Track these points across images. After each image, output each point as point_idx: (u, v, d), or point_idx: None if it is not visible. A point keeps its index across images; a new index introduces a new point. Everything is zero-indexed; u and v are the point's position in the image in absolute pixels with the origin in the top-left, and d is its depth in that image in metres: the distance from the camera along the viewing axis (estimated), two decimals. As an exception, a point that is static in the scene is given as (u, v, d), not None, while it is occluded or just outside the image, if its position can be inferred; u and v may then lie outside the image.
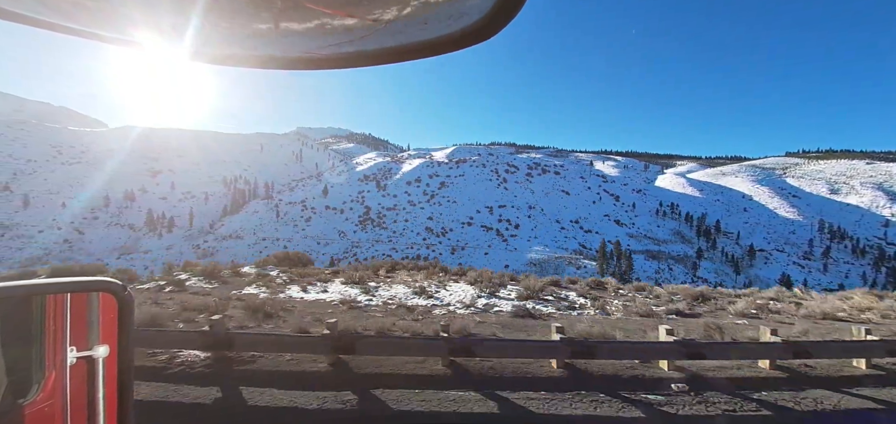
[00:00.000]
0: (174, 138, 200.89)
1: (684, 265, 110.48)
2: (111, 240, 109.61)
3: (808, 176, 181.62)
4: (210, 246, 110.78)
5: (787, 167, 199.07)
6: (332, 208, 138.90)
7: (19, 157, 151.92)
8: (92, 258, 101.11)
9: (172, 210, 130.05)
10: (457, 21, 0.55)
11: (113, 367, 1.16)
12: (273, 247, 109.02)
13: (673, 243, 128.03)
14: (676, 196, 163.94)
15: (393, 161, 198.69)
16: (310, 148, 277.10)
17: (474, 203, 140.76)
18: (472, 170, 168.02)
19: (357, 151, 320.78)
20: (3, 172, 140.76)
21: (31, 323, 1.14)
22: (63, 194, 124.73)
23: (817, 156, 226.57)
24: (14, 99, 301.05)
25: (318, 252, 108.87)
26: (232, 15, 0.53)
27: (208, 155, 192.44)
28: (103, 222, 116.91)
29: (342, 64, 0.65)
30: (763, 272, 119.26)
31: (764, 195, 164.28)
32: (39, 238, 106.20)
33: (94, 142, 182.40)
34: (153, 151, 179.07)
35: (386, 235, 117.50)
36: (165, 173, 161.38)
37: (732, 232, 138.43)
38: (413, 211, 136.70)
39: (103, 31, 0.58)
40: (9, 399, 1.08)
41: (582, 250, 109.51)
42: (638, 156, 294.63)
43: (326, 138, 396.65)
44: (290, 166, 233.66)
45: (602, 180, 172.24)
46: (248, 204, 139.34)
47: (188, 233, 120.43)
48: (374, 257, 76.44)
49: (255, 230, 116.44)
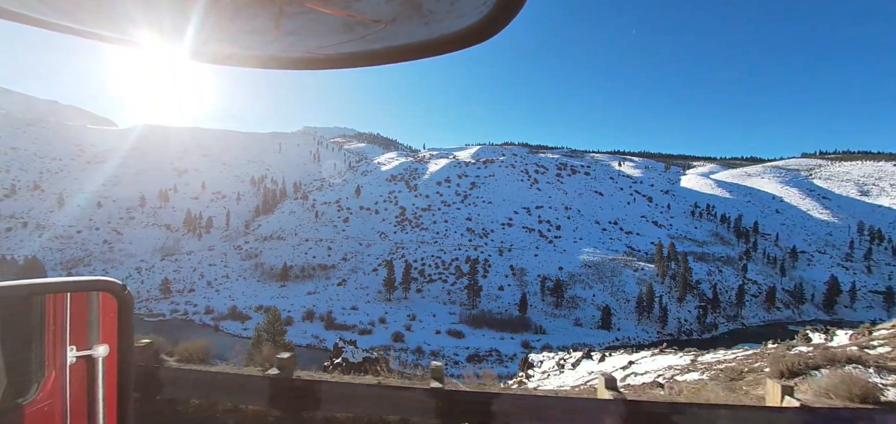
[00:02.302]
0: (192, 137, 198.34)
1: (733, 268, 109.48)
2: (150, 240, 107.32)
3: (836, 178, 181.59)
4: (252, 247, 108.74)
5: (811, 169, 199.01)
6: (365, 209, 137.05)
7: (44, 155, 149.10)
8: (135, 260, 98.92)
9: (206, 210, 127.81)
10: (458, 21, 0.55)
11: (113, 366, 1.15)
12: (316, 249, 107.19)
13: (713, 245, 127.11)
14: (706, 197, 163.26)
15: (416, 161, 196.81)
16: (325, 148, 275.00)
17: (510, 204, 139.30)
18: (502, 170, 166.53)
19: (369, 151, 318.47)
20: (30, 170, 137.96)
21: (31, 323, 1.13)
22: (97, 193, 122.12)
23: (835, 157, 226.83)
24: (23, 97, 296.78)
25: (362, 254, 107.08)
26: (232, 15, 0.52)
27: (230, 154, 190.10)
28: (140, 222, 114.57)
29: (342, 64, 0.65)
30: (807, 273, 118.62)
31: (794, 197, 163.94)
32: (78, 239, 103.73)
33: (116, 140, 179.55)
34: (176, 151, 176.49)
35: (429, 236, 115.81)
36: (191, 173, 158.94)
37: (769, 234, 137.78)
38: (449, 211, 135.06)
39: (104, 30, 0.58)
40: (9, 399, 1.07)
41: (630, 251, 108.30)
42: (652, 156, 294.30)
43: (337, 138, 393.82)
44: (308, 165, 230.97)
45: (631, 181, 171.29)
46: (282, 204, 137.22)
47: (226, 233, 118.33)
48: (423, 259, 74.86)
49: (295, 231, 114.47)
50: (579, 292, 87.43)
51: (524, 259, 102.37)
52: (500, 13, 0.52)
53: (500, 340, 65.26)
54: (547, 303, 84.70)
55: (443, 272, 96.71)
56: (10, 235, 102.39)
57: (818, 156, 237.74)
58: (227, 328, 64.55)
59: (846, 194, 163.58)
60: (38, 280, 1.23)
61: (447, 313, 79.13)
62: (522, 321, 74.40)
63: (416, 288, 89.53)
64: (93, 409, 1.13)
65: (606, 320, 75.77)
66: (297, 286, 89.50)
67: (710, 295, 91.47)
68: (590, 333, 74.44)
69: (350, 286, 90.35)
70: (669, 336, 79.32)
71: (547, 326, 74.34)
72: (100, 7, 0.53)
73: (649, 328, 78.01)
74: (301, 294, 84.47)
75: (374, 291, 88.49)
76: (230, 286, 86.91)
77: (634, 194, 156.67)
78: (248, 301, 78.53)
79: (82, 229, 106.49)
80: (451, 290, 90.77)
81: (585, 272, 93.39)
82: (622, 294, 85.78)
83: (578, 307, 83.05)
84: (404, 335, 62.51)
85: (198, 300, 77.06)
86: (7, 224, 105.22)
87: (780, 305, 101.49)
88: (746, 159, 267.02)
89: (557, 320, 78.70)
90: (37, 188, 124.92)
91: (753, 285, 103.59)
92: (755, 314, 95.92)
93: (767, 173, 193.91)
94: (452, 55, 0.62)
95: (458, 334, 66.07)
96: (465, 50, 0.60)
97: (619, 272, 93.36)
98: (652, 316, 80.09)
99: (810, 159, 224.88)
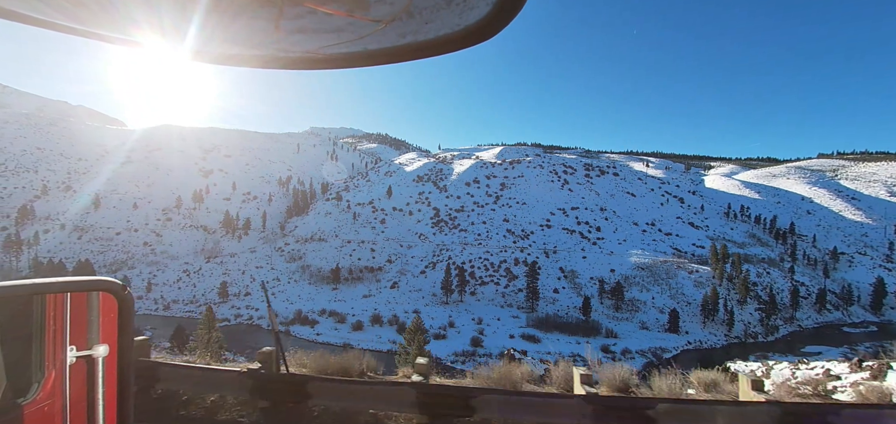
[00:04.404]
0: (209, 138, 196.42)
1: (779, 269, 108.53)
2: (189, 242, 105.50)
3: (863, 178, 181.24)
4: (293, 249, 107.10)
5: (835, 170, 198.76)
6: (398, 210, 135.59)
7: (70, 155, 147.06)
8: (179, 262, 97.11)
9: (239, 211, 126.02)
10: (458, 21, 0.55)
11: (113, 367, 1.15)
12: (360, 251, 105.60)
13: (752, 246, 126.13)
14: (736, 199, 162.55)
15: (438, 162, 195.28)
16: (340, 149, 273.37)
17: (545, 205, 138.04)
18: (530, 171, 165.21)
19: (382, 151, 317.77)
20: (58, 171, 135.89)
21: (31, 323, 1.14)
22: (131, 194, 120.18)
23: (854, 158, 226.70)
24: (34, 97, 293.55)
25: (406, 256, 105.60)
26: (233, 15, 0.52)
27: (251, 155, 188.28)
28: (176, 223, 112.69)
29: (343, 64, 0.65)
30: (849, 275, 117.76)
31: (824, 198, 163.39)
32: (118, 240, 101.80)
33: (136, 140, 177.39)
34: (199, 151, 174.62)
35: (470, 237, 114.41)
36: (216, 173, 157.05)
37: (805, 235, 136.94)
38: (483, 212, 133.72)
39: (105, 30, 0.58)
40: (9, 399, 1.08)
41: (677, 253, 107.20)
42: (667, 156, 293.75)
43: (346, 138, 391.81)
44: (327, 165, 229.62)
45: (659, 182, 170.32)
46: (314, 205, 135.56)
47: (263, 235, 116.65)
48: (471, 262, 73.27)
49: (335, 233, 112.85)
50: (637, 294, 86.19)
51: (573, 261, 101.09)
52: (501, 13, 0.52)
53: (577, 344, 63.87)
54: (606, 306, 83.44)
55: (493, 274, 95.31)
56: (48, 236, 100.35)
57: (836, 156, 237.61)
58: (298, 333, 62.90)
59: (875, 195, 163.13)
60: (38, 280, 1.24)
61: (509, 316, 77.72)
62: (589, 324, 73.10)
63: (470, 291, 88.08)
64: (93, 409, 1.13)
65: (674, 323, 74.56)
66: (350, 290, 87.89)
67: (765, 297, 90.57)
68: (659, 336, 73.25)
69: (403, 289, 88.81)
70: (737, 339, 78.29)
71: (612, 329, 73.08)
72: (101, 7, 0.53)
73: (716, 332, 76.87)
74: (357, 298, 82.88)
75: (429, 294, 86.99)
76: (285, 290, 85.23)
77: (666, 195, 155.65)
78: (304, 305, 76.93)
79: (121, 231, 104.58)
80: (504, 293, 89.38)
81: (639, 275, 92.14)
82: (682, 297, 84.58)
83: (640, 309, 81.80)
84: (482, 341, 61.10)
85: (257, 303, 75.37)
86: (44, 226, 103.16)
87: (830, 306, 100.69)
88: (763, 159, 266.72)
89: (621, 323, 77.41)
90: (68, 189, 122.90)
91: (802, 286, 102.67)
92: (808, 315, 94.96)
93: (792, 174, 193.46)
94: (455, 54, 0.62)
95: (533, 338, 64.71)
96: (467, 50, 0.59)
97: (674, 273, 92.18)
98: (716, 319, 78.93)
99: (830, 160, 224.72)
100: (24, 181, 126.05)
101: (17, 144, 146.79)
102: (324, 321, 68.20)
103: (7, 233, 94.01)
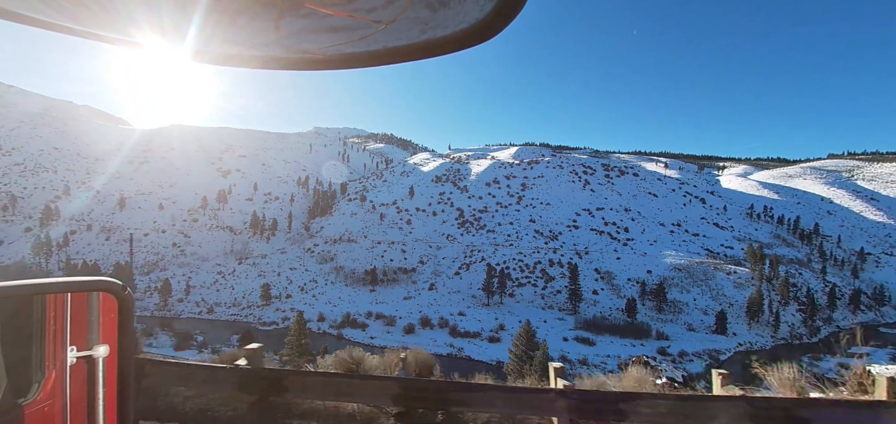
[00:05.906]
0: (221, 137, 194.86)
1: (809, 270, 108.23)
2: (217, 243, 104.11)
3: (880, 179, 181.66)
4: (323, 250, 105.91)
5: (850, 170, 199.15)
6: (422, 210, 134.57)
7: (87, 155, 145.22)
8: (210, 264, 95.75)
9: (262, 211, 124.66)
10: (458, 21, 0.54)
11: (113, 367, 1.16)
12: (390, 252, 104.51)
13: (778, 247, 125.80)
14: (756, 199, 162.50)
15: (454, 162, 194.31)
16: (350, 149, 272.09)
17: (569, 205, 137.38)
18: (550, 171, 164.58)
19: (390, 151, 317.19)
20: (76, 171, 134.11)
21: (31, 323, 1.14)
22: (155, 194, 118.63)
23: (866, 158, 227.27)
24: (39, 97, 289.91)
25: (436, 256, 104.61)
26: (233, 15, 0.52)
27: (266, 155, 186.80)
28: (202, 224, 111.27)
29: (343, 64, 0.64)
30: (877, 276, 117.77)
31: (843, 198, 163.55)
32: (147, 242, 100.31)
33: (149, 140, 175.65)
34: (214, 151, 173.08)
35: (500, 237, 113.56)
36: (234, 174, 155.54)
37: (829, 236, 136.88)
38: (507, 213, 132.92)
39: (105, 31, 0.58)
40: (9, 399, 1.08)
41: (710, 253, 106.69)
42: (677, 156, 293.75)
43: (353, 138, 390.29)
44: (339, 166, 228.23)
45: (678, 183, 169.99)
46: (337, 205, 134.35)
47: (289, 236, 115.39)
48: (505, 263, 72.27)
49: (363, 233, 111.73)
50: (678, 296, 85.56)
51: (607, 262, 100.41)
52: (501, 14, 0.51)
53: (632, 346, 63.12)
54: (647, 307, 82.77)
55: (529, 275, 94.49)
56: (76, 237, 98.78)
57: (848, 157, 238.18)
58: (350, 336, 61.80)
59: (895, 196, 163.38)
60: (38, 280, 1.24)
61: (554, 318, 76.93)
62: (638, 326, 72.37)
63: (509, 293, 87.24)
64: (93, 409, 1.13)
65: (721, 324, 73.92)
66: (388, 292, 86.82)
67: (802, 298, 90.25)
68: (707, 338, 72.60)
69: (441, 291, 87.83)
70: (783, 341, 77.77)
71: (663, 331, 72.36)
72: (102, 7, 0.53)
73: (762, 333, 76.30)
74: (397, 300, 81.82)
75: (468, 295, 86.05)
76: (324, 292, 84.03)
77: (687, 195, 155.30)
78: (348, 307, 75.82)
79: (148, 232, 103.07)
80: (543, 294, 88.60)
81: (677, 276, 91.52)
82: (724, 298, 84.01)
83: (683, 311, 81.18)
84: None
85: (300, 306, 74.11)
86: (70, 227, 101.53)
87: (863, 307, 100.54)
88: (774, 159, 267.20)
89: (666, 325, 76.71)
90: (89, 189, 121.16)
91: (835, 287, 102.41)
92: (844, 316, 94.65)
93: (808, 175, 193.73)
94: (458, 54, 0.61)
95: (588, 341, 63.92)
96: (468, 50, 0.59)
97: (711, 275, 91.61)
98: (761, 320, 78.39)
99: (843, 160, 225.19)
100: (44, 181, 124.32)
101: (34, 143, 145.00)
102: (372, 323, 67.16)
103: (34, 234, 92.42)
